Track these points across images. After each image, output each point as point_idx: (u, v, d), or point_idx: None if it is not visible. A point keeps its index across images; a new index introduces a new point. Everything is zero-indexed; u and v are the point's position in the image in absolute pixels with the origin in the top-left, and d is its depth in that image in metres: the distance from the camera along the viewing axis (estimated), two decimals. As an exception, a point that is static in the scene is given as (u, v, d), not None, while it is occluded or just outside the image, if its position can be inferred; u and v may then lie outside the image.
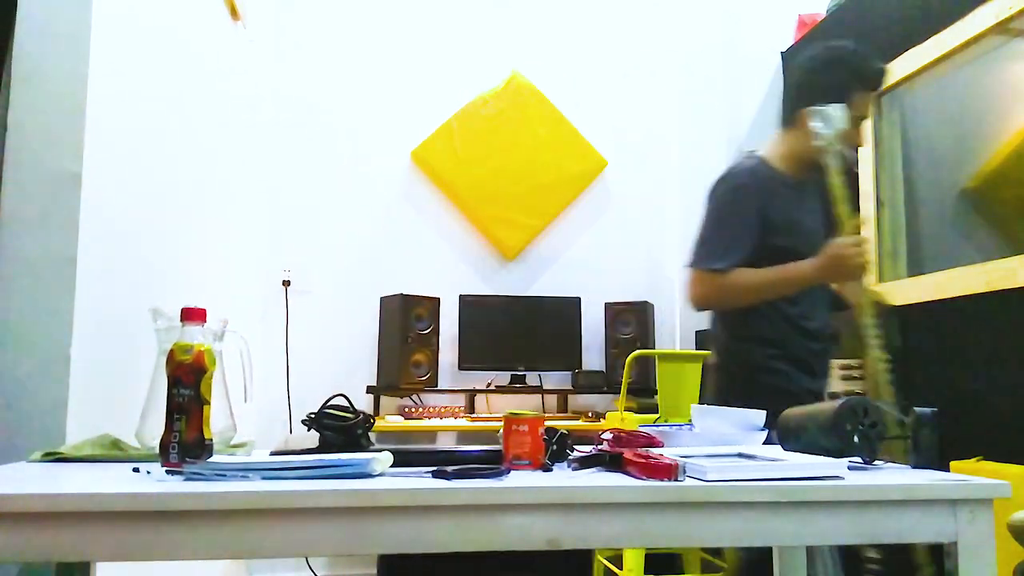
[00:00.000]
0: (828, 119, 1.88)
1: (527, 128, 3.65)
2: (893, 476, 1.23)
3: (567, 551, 1.03)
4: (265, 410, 3.35)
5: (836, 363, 2.58)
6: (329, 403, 1.34)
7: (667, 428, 1.59)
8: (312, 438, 1.35)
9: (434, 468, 1.15)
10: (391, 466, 1.19)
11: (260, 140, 3.40)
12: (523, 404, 3.44)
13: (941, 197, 2.76)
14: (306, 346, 3.43)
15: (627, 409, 2.95)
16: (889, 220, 2.98)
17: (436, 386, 3.27)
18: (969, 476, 1.25)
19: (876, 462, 1.37)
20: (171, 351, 1.20)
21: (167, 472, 1.14)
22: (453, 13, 3.72)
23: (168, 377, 1.19)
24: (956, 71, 2.67)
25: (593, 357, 3.60)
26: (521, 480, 1.13)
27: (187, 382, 1.18)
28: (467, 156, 3.59)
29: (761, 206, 1.91)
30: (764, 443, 1.52)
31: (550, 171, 3.66)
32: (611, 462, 1.24)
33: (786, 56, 3.80)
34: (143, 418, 1.41)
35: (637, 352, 2.87)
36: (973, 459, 2.14)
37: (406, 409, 3.19)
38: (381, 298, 3.36)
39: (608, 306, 3.51)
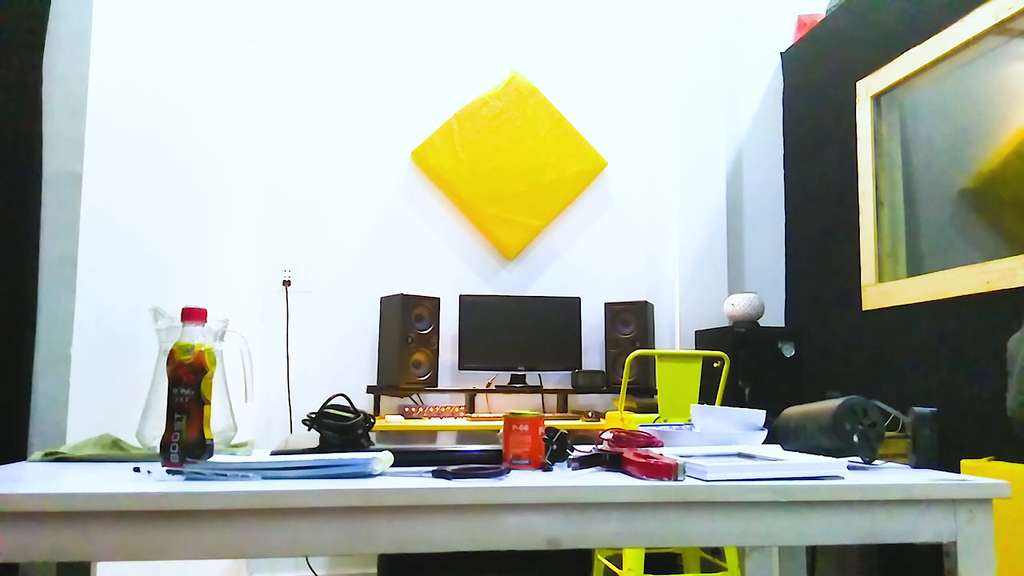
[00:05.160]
0: None
1: (527, 128, 3.65)
2: (892, 476, 1.23)
3: (567, 551, 1.04)
4: (265, 410, 3.36)
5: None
6: (329, 403, 1.34)
7: (667, 428, 1.59)
8: (312, 438, 1.35)
9: (434, 468, 1.15)
10: (391, 466, 1.19)
11: (260, 140, 3.40)
12: (523, 404, 3.44)
13: (941, 197, 2.76)
14: (306, 346, 3.43)
15: (627, 409, 2.95)
16: (888, 220, 2.98)
17: (436, 386, 3.26)
18: (968, 476, 1.25)
19: (875, 462, 1.37)
20: (172, 351, 1.20)
21: (168, 472, 1.14)
22: (453, 13, 3.72)
23: (169, 377, 1.20)
24: (955, 71, 2.67)
25: (593, 357, 3.61)
26: (521, 480, 1.13)
27: (188, 382, 1.19)
28: (467, 156, 3.59)
29: None
30: None
31: (550, 171, 3.66)
32: (611, 462, 1.24)
33: (785, 57, 3.81)
34: (144, 418, 1.41)
35: (637, 352, 2.87)
36: (984, 459, 2.14)
37: (406, 409, 3.19)
38: (381, 298, 3.36)
39: (608, 306, 3.51)
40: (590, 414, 3.30)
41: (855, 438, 1.35)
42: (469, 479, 1.11)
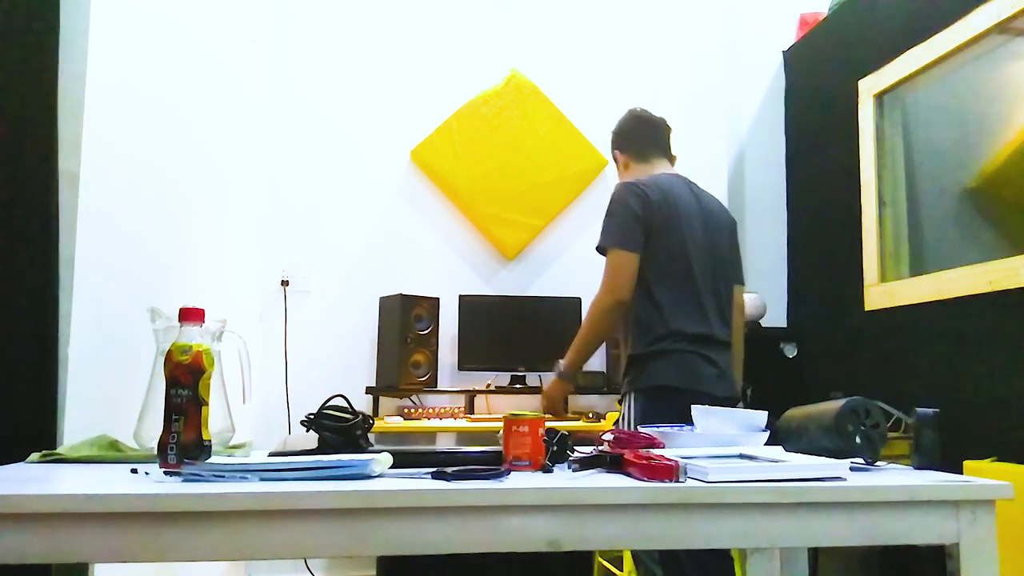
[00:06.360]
0: None
1: (527, 127, 3.64)
2: (895, 477, 1.22)
3: (567, 552, 1.03)
4: (264, 411, 3.34)
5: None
6: (328, 404, 1.33)
7: (668, 429, 1.58)
8: (311, 439, 1.34)
9: (434, 469, 1.14)
10: (390, 467, 1.18)
11: (259, 139, 3.39)
12: (523, 405, 3.43)
13: (943, 196, 2.75)
14: (305, 346, 3.42)
15: (627, 409, 2.94)
16: (891, 219, 2.97)
17: (436, 386, 3.26)
18: (971, 477, 1.24)
19: (878, 463, 1.37)
20: (169, 351, 1.20)
21: (165, 473, 1.14)
22: (453, 13, 3.71)
23: (166, 377, 1.19)
24: (957, 70, 2.66)
25: (593, 357, 3.58)
26: (521, 481, 1.12)
27: (185, 383, 1.18)
28: (467, 155, 3.58)
29: None
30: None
31: (550, 170, 3.65)
32: (612, 463, 1.24)
33: (787, 55, 3.80)
34: (141, 419, 1.40)
35: (637, 352, 2.85)
36: (987, 460, 2.13)
37: (405, 410, 3.18)
38: (380, 298, 3.36)
39: (608, 306, 3.49)
40: (591, 415, 3.29)
41: (857, 439, 1.34)
42: (469, 480, 1.11)
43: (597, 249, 2.19)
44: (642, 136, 2.41)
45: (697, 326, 2.10)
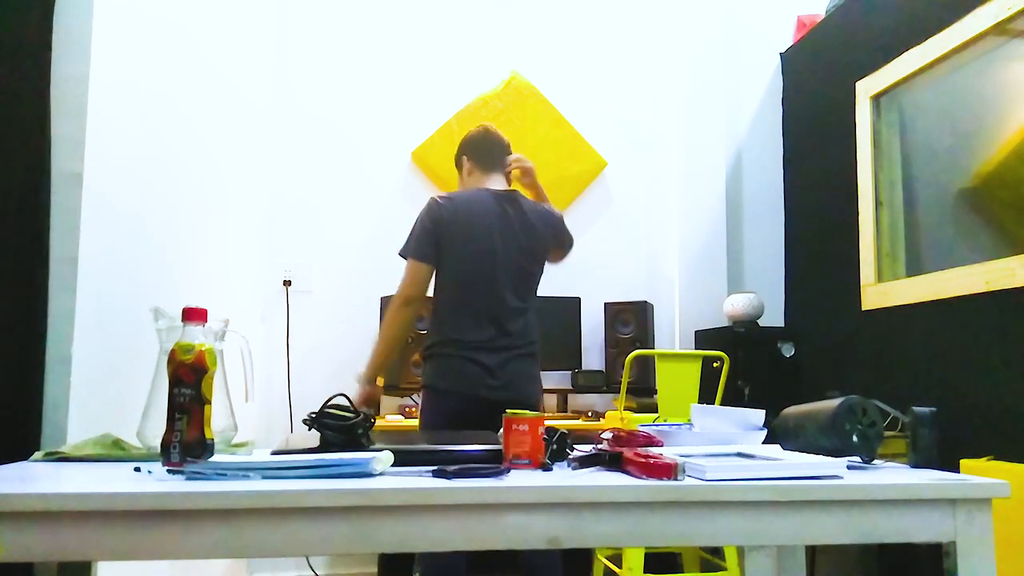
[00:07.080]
0: None
1: (527, 128, 3.65)
2: (892, 476, 1.23)
3: (567, 550, 1.04)
4: (266, 410, 3.35)
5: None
6: (330, 402, 1.34)
7: (667, 427, 1.59)
8: (313, 437, 1.35)
9: (434, 467, 1.15)
10: (391, 465, 1.19)
11: (261, 140, 3.40)
12: (523, 404, 3.44)
13: (940, 197, 2.76)
14: (307, 346, 3.43)
15: (627, 408, 2.95)
16: (888, 220, 2.98)
17: (436, 386, 3.26)
18: (968, 476, 1.25)
19: (875, 461, 1.38)
20: (172, 351, 1.20)
21: (168, 471, 1.14)
22: (453, 14, 3.72)
23: (169, 377, 1.19)
24: (955, 71, 2.67)
25: (593, 357, 3.60)
26: (521, 479, 1.13)
27: (188, 382, 1.19)
28: (467, 156, 3.59)
29: None
30: None
31: (550, 171, 3.66)
32: (611, 461, 1.24)
33: (785, 57, 3.81)
34: (144, 417, 1.41)
35: (637, 352, 2.87)
36: (984, 458, 2.14)
37: (406, 408, 3.19)
38: (382, 298, 3.36)
39: (608, 306, 3.51)
40: (590, 414, 3.30)
41: (854, 438, 1.35)
42: (469, 479, 1.11)
43: (399, 254, 2.34)
44: (491, 151, 2.50)
45: (472, 333, 2.24)
